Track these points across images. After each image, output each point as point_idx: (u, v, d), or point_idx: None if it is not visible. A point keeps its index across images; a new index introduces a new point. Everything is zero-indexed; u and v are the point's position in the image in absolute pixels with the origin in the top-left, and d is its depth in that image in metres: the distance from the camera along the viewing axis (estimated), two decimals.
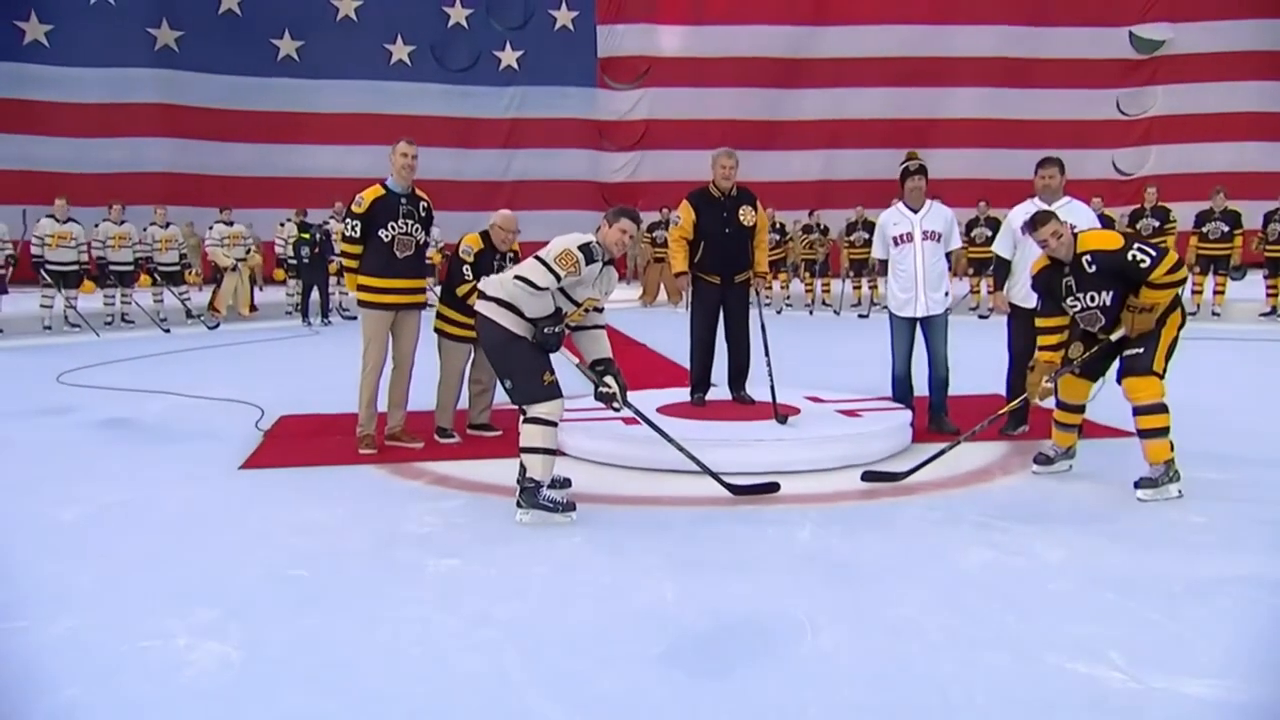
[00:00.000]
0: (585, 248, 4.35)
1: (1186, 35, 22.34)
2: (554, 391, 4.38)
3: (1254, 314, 13.17)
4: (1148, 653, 2.92)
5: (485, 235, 6.12)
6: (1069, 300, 4.84)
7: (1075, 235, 4.83)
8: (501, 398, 5.20)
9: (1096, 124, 22.40)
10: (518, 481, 4.45)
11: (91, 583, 3.69)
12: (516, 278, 4.33)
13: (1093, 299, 4.76)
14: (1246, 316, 13.12)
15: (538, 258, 4.36)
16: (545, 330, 4.33)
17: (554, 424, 4.40)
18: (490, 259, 6.03)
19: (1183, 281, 4.73)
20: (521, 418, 4.43)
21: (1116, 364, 4.85)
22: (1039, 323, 5.14)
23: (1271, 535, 4.08)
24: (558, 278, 4.30)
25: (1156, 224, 13.32)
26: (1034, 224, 4.86)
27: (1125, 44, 22.92)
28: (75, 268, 13.22)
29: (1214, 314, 13.27)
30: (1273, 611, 3.24)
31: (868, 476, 5.01)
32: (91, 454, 6.01)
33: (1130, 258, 4.59)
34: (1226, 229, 13.22)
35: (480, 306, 4.45)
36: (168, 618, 3.27)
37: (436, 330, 6.16)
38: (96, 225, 13.74)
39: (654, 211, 16.80)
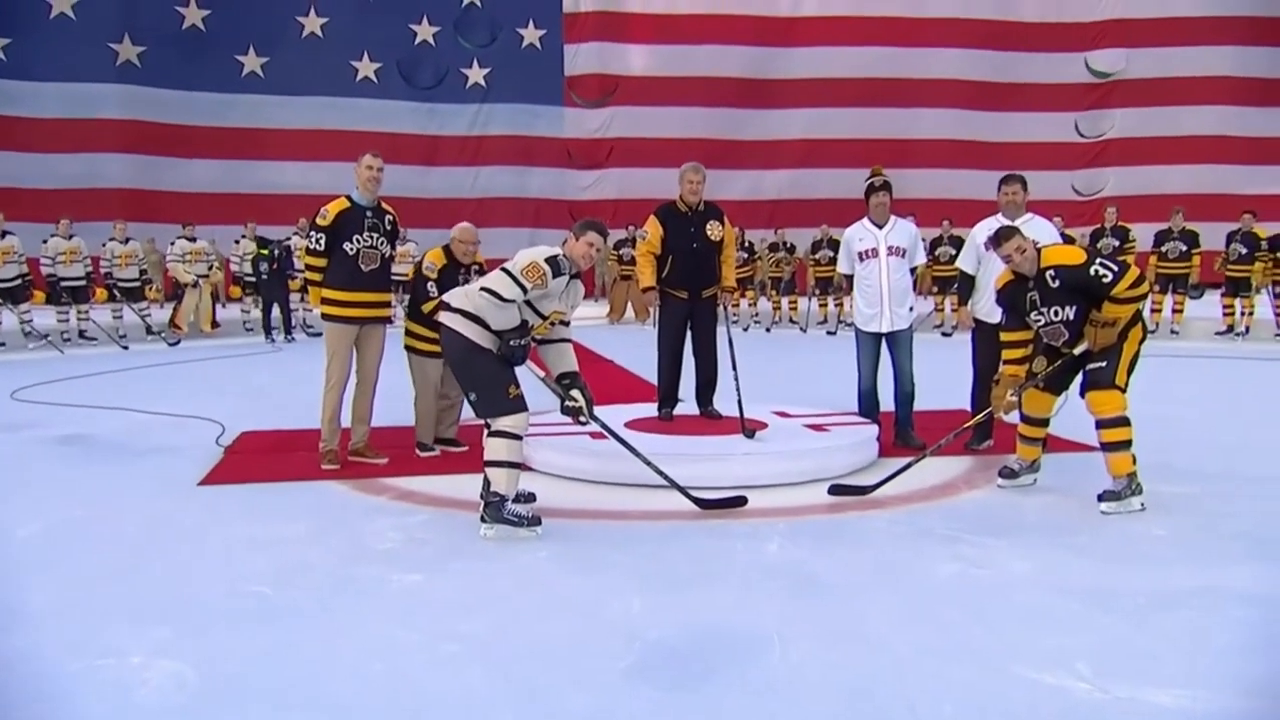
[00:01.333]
0: (552, 260, 4.32)
1: (1142, 61, 22.81)
2: (519, 405, 4.34)
3: (1210, 332, 13.41)
4: (1114, 664, 2.92)
5: (447, 250, 6.09)
6: (1033, 315, 4.88)
7: (1039, 250, 4.87)
8: (468, 413, 5.15)
9: (1056, 146, 22.75)
10: (482, 496, 4.39)
11: (44, 601, 3.59)
12: (482, 289, 4.30)
13: (1056, 313, 4.80)
14: (1204, 334, 13.35)
15: (504, 270, 4.33)
16: (510, 343, 4.30)
17: (519, 437, 4.36)
18: (455, 273, 5.98)
19: (1144, 296, 4.79)
20: (486, 431, 4.39)
21: (1079, 378, 4.89)
22: (1003, 337, 5.18)
23: (1233, 547, 4.12)
24: (524, 290, 4.28)
25: (1116, 243, 13.53)
26: (998, 240, 4.90)
27: (1082, 69, 23.37)
28: (19, 282, 12.90)
29: (1173, 332, 13.49)
30: (1236, 622, 3.27)
31: (835, 490, 5.01)
32: (46, 471, 5.87)
33: (1093, 272, 4.64)
34: (1184, 249, 13.47)
35: (444, 318, 4.41)
36: (122, 636, 3.19)
37: (407, 348, 6.10)
38: (45, 241, 13.48)
39: (621, 229, 16.82)
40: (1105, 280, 4.61)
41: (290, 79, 21.69)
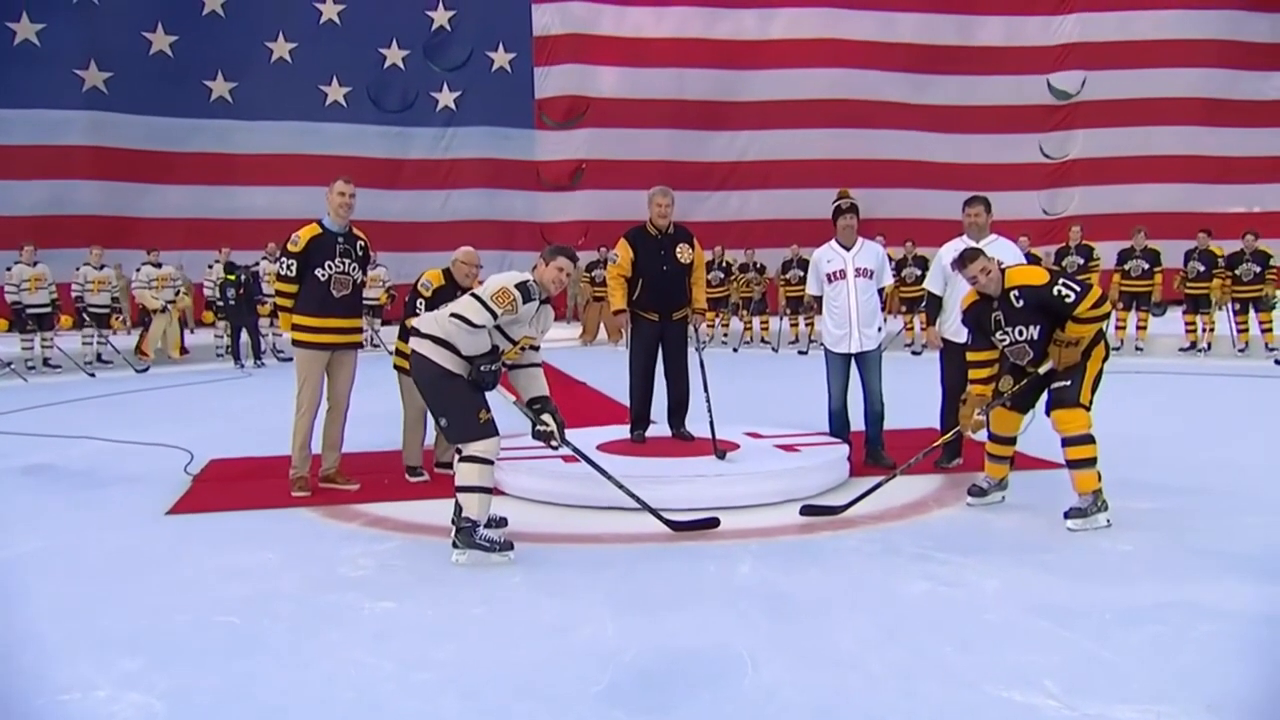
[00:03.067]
0: (522, 286, 4.34)
1: (1104, 83, 23.22)
2: (490, 429, 4.34)
3: (1174, 349, 13.62)
4: (1081, 680, 2.96)
5: (447, 272, 6.05)
6: (998, 334, 4.95)
7: (1003, 271, 4.95)
8: None
9: (1021, 167, 23.09)
10: (453, 521, 4.38)
11: (9, 632, 3.55)
12: (453, 315, 4.30)
13: (1020, 333, 4.87)
14: (1167, 351, 13.55)
15: (475, 295, 4.35)
16: (482, 368, 4.30)
17: (490, 462, 4.36)
18: (451, 295, 5.91)
19: (1106, 316, 4.87)
20: (457, 457, 4.38)
21: (1045, 396, 4.96)
22: (969, 357, 5.24)
23: (1198, 562, 4.18)
24: (494, 315, 4.29)
25: (1081, 261, 13.76)
26: (963, 261, 4.97)
27: (1045, 91, 23.78)
28: None
29: (1137, 349, 13.69)
30: (1201, 637, 3.31)
31: (806, 511, 5.04)
32: (11, 501, 5.79)
33: (1055, 293, 4.72)
34: (1147, 266, 13.70)
35: (415, 343, 4.41)
36: (88, 668, 3.15)
37: (396, 368, 6.06)
38: (9, 268, 13.35)
39: (592, 250, 16.88)
40: (1068, 300, 4.69)
41: (259, 104, 21.64)
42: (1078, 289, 4.73)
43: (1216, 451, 6.64)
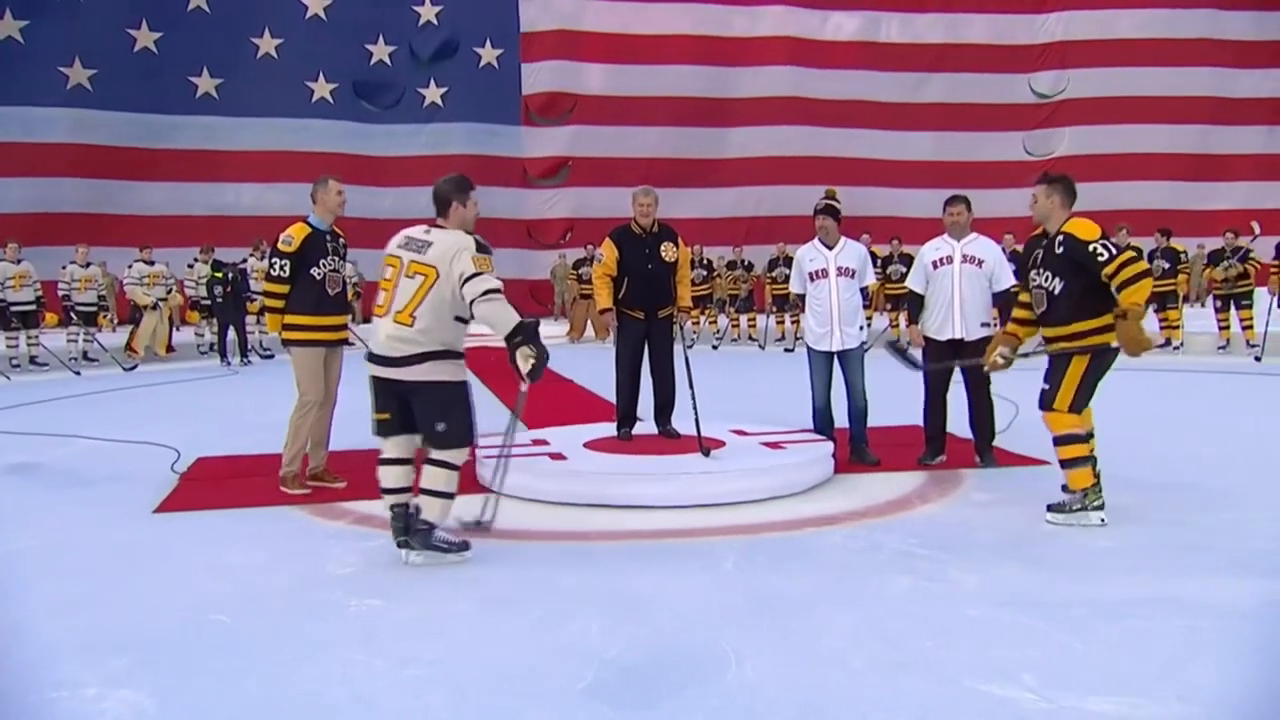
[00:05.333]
0: (480, 247, 4.24)
1: (1085, 81, 23.37)
2: (473, 436, 4.33)
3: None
4: (1058, 673, 3.01)
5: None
6: (1031, 273, 4.96)
7: (1068, 218, 4.87)
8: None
9: (1006, 165, 23.22)
10: (410, 523, 4.29)
11: None
12: (487, 292, 4.09)
13: (1047, 279, 4.84)
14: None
15: (476, 275, 4.11)
16: (540, 342, 4.14)
17: (459, 469, 4.31)
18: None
19: (1135, 282, 4.56)
20: (426, 459, 4.30)
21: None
22: (1020, 297, 5.22)
23: (1173, 558, 4.24)
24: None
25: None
26: (1043, 179, 5.02)
27: (1027, 90, 23.92)
28: None
29: (1177, 347, 13.76)
30: (1175, 630, 3.37)
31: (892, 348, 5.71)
32: None
33: (1091, 249, 4.63)
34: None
35: (432, 370, 4.18)
36: (77, 666, 3.16)
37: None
38: None
39: (579, 248, 16.88)
40: (1100, 258, 4.59)
41: (245, 100, 21.57)
42: (1113, 251, 4.60)
43: (1195, 448, 6.72)
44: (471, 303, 4.12)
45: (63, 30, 20.19)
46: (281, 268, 5.65)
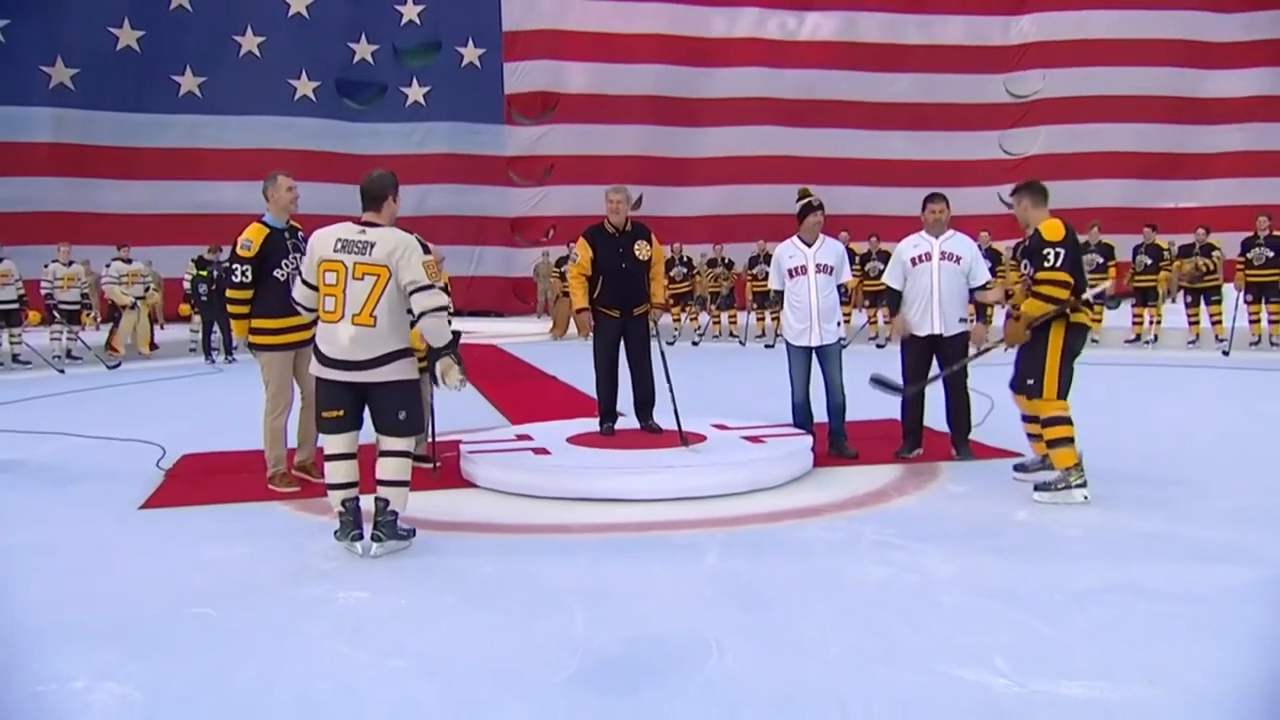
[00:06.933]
0: (424, 245, 4.49)
1: (1060, 81, 23.54)
2: (424, 423, 4.49)
3: (1121, 340, 13.90)
4: (1030, 658, 3.06)
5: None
6: (1021, 265, 5.45)
7: (1042, 219, 5.30)
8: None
9: (982, 163, 23.34)
10: (377, 518, 4.36)
11: None
12: (438, 309, 4.27)
13: (1026, 267, 5.30)
14: (1114, 342, 13.81)
15: (428, 287, 4.24)
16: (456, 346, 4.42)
17: (411, 455, 4.49)
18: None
19: (1052, 300, 5.07)
20: (382, 452, 4.41)
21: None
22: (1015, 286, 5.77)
23: (1142, 546, 4.31)
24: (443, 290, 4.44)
25: (1101, 260, 13.87)
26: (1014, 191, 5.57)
27: (1002, 90, 24.08)
28: None
29: (1092, 340, 13.89)
30: (1142, 617, 3.43)
31: (874, 382, 5.83)
32: None
33: (1045, 251, 5.09)
34: (1101, 261, 13.90)
35: (393, 370, 4.29)
36: (65, 660, 3.17)
37: None
38: None
39: (562, 246, 16.87)
40: (1045, 262, 5.06)
41: (228, 98, 21.37)
42: (1053, 261, 5.03)
43: (1162, 441, 6.82)
44: (420, 314, 4.27)
45: (45, 29, 19.94)
46: (244, 274, 5.56)
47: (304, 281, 4.48)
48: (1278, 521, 4.65)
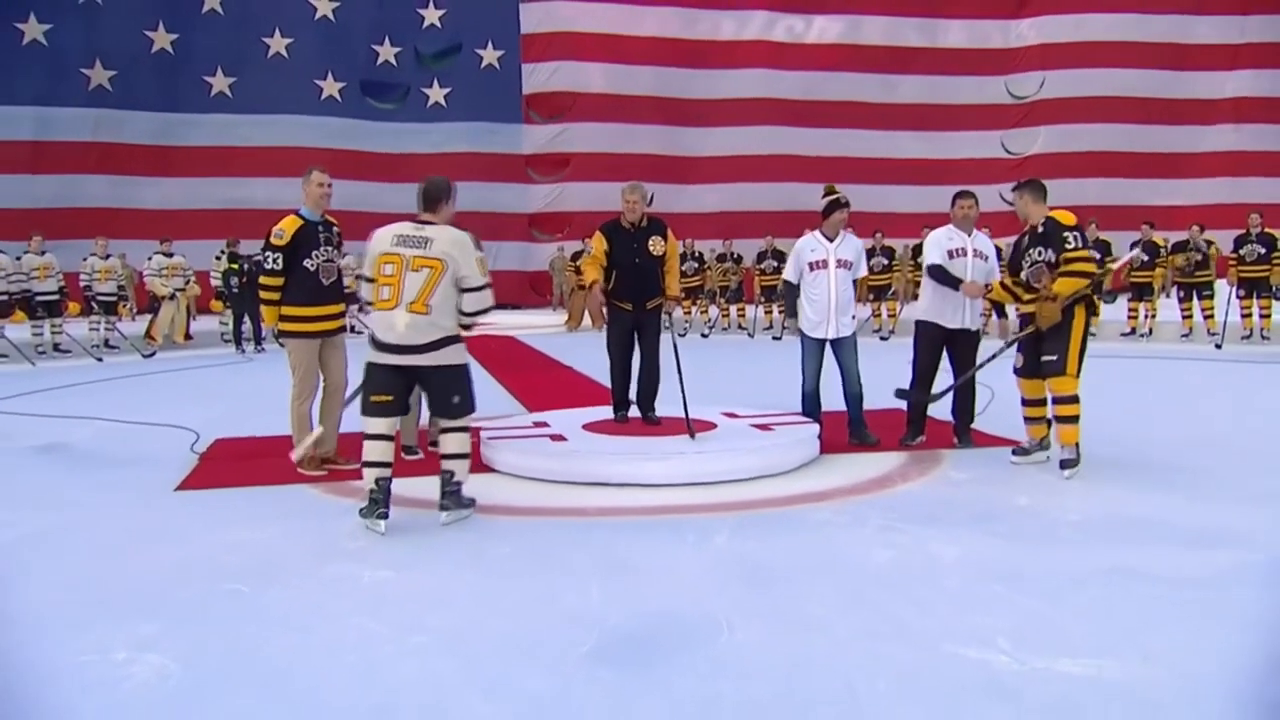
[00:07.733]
0: (476, 241, 4.65)
1: (1060, 82, 23.38)
2: (475, 404, 4.69)
3: (1119, 333, 13.82)
4: (1031, 638, 3.04)
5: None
6: (1028, 253, 5.48)
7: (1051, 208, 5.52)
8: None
9: (984, 162, 23.19)
10: (444, 489, 4.55)
11: (26, 603, 3.57)
12: (484, 310, 4.57)
13: (1040, 254, 5.39)
14: (1110, 335, 13.73)
15: (481, 288, 4.52)
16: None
17: (470, 430, 4.71)
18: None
19: (1085, 275, 5.27)
20: (443, 429, 4.66)
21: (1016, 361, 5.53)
22: (1005, 280, 5.81)
23: (1138, 530, 4.28)
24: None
25: (1099, 256, 13.85)
26: (1017, 188, 5.71)
27: (1003, 91, 23.94)
28: (4, 298, 12.83)
29: (1091, 334, 13.81)
30: (1138, 598, 3.41)
31: (900, 394, 6.01)
32: (25, 479, 5.78)
33: (1064, 235, 5.25)
34: (1098, 257, 13.82)
35: (449, 354, 4.51)
36: (106, 633, 3.19)
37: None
38: (18, 258, 13.28)
39: (577, 241, 16.85)
40: (1067, 245, 5.21)
41: (257, 98, 21.47)
42: (1079, 243, 5.23)
43: (1158, 430, 6.77)
44: (469, 313, 4.52)
45: (84, 33, 20.09)
46: (274, 261, 5.60)
47: (365, 279, 4.61)
48: (1271, 507, 4.61)
